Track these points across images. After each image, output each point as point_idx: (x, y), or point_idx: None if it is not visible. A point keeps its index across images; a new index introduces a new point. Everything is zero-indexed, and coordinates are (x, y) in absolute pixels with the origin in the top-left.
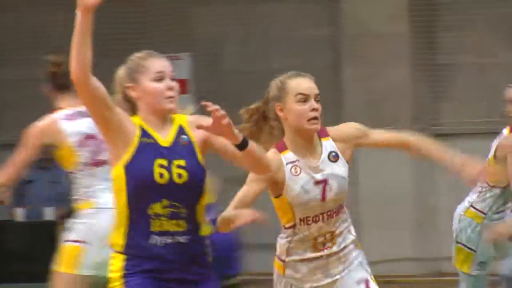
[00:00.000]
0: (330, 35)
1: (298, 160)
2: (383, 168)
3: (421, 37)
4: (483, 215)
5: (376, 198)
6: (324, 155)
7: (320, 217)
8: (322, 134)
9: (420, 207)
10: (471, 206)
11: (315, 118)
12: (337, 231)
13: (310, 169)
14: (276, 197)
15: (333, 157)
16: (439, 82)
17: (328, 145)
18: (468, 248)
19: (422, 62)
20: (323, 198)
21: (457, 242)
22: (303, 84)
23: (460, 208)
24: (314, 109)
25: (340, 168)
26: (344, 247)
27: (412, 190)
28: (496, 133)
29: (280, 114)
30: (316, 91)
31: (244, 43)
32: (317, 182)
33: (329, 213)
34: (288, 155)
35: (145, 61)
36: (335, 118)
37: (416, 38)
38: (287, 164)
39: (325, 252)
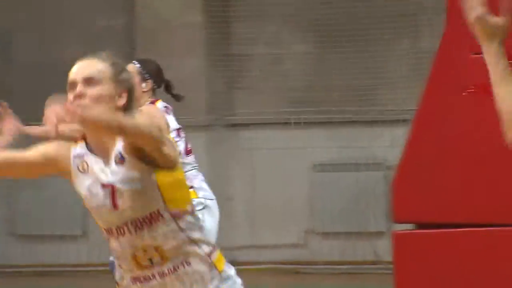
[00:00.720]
0: (124, 25)
1: (88, 155)
2: None
3: (215, 27)
4: None
5: None
6: (115, 154)
7: (125, 228)
8: None
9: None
10: None
11: None
12: (167, 246)
13: (98, 169)
14: None
15: (119, 160)
16: (233, 72)
17: (119, 144)
18: None
19: (216, 52)
20: (115, 206)
21: None
22: (73, 69)
23: None
24: (76, 96)
25: (129, 172)
26: (184, 265)
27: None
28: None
29: None
30: (86, 73)
31: (36, 33)
32: (103, 186)
33: (134, 223)
34: (80, 148)
35: None
36: None
37: (211, 28)
38: (74, 158)
39: (156, 270)
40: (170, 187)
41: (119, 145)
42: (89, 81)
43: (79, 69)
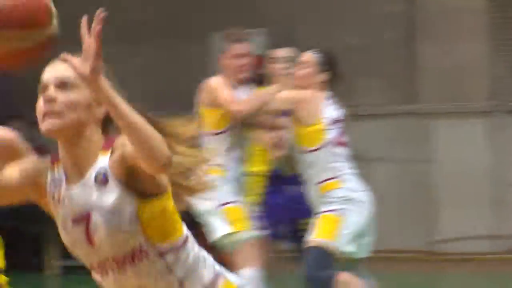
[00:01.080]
0: (405, 10)
1: (62, 181)
2: (460, 145)
3: (498, 11)
4: None
5: (453, 175)
6: (96, 172)
7: (107, 265)
8: (105, 145)
9: (497, 183)
10: None
11: (46, 114)
12: (158, 284)
13: (69, 196)
14: None
15: (101, 180)
16: None
17: (102, 161)
18: None
19: (499, 37)
20: (90, 241)
21: None
22: (46, 69)
23: None
24: (47, 101)
25: (108, 198)
26: None
27: (489, 167)
28: None
29: None
30: (59, 75)
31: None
32: (75, 218)
33: (115, 261)
34: (57, 173)
35: None
36: (408, 95)
37: (493, 13)
38: (51, 185)
39: None
40: (153, 218)
41: (103, 162)
42: (62, 85)
43: (53, 70)
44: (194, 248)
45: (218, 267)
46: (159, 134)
